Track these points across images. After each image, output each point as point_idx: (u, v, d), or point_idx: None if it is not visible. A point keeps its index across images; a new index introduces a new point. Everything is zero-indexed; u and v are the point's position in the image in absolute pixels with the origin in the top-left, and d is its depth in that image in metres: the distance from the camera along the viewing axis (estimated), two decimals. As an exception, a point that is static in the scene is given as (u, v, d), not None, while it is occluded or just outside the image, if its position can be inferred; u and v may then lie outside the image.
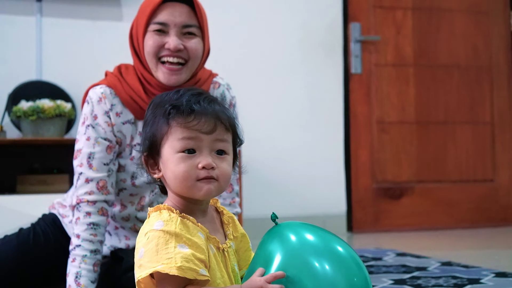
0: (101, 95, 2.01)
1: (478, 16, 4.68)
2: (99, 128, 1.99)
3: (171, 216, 1.29)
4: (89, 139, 1.99)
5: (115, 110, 2.01)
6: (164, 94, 1.37)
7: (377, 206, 4.42)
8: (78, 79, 3.84)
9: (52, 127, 3.43)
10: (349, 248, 1.38)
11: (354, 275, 1.34)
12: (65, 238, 2.19)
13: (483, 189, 4.62)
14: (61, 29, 3.88)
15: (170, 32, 1.95)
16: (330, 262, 1.33)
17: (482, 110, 4.66)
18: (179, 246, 1.24)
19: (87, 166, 1.98)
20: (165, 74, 1.96)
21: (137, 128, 2.06)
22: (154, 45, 1.95)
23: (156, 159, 1.34)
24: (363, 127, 4.43)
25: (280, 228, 1.41)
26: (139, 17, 2.01)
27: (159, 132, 1.31)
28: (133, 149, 2.06)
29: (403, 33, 4.53)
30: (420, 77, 4.55)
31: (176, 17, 1.95)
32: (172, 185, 1.33)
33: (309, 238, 1.37)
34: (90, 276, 1.94)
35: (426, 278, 2.49)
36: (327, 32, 4.36)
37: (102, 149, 1.99)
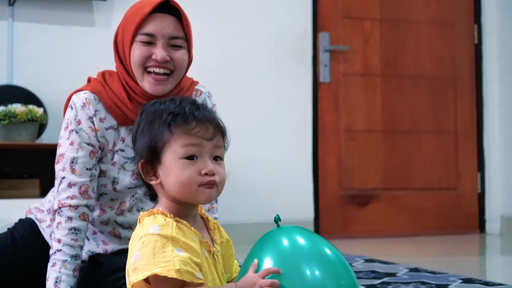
0: (85, 101, 2.02)
1: (444, 28, 4.80)
2: (83, 133, 2.01)
3: (166, 221, 1.32)
4: (73, 144, 2.00)
5: (99, 116, 2.02)
6: (157, 102, 1.40)
7: (344, 213, 4.50)
8: (50, 84, 3.85)
9: (24, 132, 3.43)
10: (338, 253, 1.44)
11: (342, 278, 1.40)
12: (43, 242, 2.20)
13: (447, 196, 4.73)
14: (33, 33, 3.88)
15: (157, 43, 1.97)
16: (319, 265, 1.39)
17: (447, 120, 4.77)
18: (176, 250, 1.28)
19: (70, 171, 1.99)
20: (151, 84, 1.98)
21: (120, 134, 2.08)
22: (141, 56, 1.97)
23: (155, 166, 1.37)
24: (331, 135, 4.50)
25: (275, 232, 1.47)
26: (125, 26, 2.02)
27: (160, 139, 1.35)
28: (115, 155, 2.09)
29: (371, 44, 4.62)
30: (387, 87, 4.65)
31: (164, 28, 1.96)
32: (174, 190, 1.36)
33: (300, 242, 1.43)
34: (69, 281, 1.96)
35: (396, 283, 2.56)
36: (297, 41, 4.43)
37: (86, 154, 2.00)
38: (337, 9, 4.55)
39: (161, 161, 1.36)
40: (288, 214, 4.26)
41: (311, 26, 4.49)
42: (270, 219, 3.79)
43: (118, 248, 2.17)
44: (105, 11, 4.02)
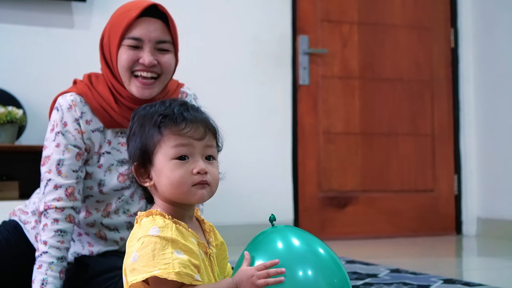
0: (71, 103, 2.02)
1: (421, 32, 4.85)
2: (69, 135, 2.02)
3: (166, 222, 1.33)
4: (59, 146, 2.01)
5: (85, 118, 2.03)
6: (148, 106, 1.41)
7: (323, 215, 4.52)
8: (28, 86, 3.82)
9: (3, 134, 3.41)
10: (331, 252, 1.46)
11: (335, 276, 1.41)
12: (27, 244, 2.19)
13: (424, 199, 4.78)
14: (11, 35, 3.85)
15: (144, 47, 1.98)
16: (312, 264, 1.40)
17: (424, 123, 4.82)
18: (175, 252, 1.29)
19: (56, 173, 2.00)
20: (139, 88, 1.99)
21: (106, 136, 2.08)
22: (129, 60, 1.98)
23: (148, 168, 1.38)
24: (310, 137, 4.53)
25: (270, 230, 1.48)
26: (112, 29, 2.02)
27: (151, 141, 1.36)
28: (101, 157, 2.09)
29: (349, 47, 4.66)
30: (365, 90, 4.68)
31: (151, 32, 1.98)
32: (167, 191, 1.37)
33: (293, 241, 1.44)
34: (56, 283, 1.96)
35: (379, 284, 2.59)
36: (277, 44, 4.45)
37: (72, 156, 2.01)
38: (316, 12, 4.58)
39: (153, 163, 1.37)
40: (267, 216, 4.28)
41: (291, 29, 4.51)
42: (251, 221, 3.86)
43: (104, 249, 2.17)
44: (84, 12, 4.00)
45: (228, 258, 1.57)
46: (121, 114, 2.03)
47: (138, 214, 1.39)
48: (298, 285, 1.37)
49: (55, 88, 3.84)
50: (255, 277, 1.32)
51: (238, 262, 1.47)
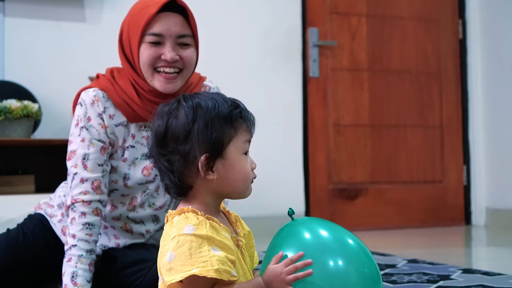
0: (94, 98, 2.04)
1: (428, 24, 4.87)
2: (93, 130, 2.03)
3: (199, 220, 1.33)
4: (84, 141, 2.03)
5: (108, 113, 2.05)
6: (211, 102, 1.39)
7: (333, 207, 4.55)
8: (41, 79, 3.84)
9: (19, 128, 3.41)
10: (360, 242, 1.47)
11: (365, 266, 1.43)
12: (53, 238, 2.21)
13: (433, 190, 4.81)
14: (24, 29, 3.86)
15: (166, 43, 1.98)
16: (342, 255, 1.41)
17: (432, 114, 4.85)
18: (212, 249, 1.29)
19: (82, 167, 2.01)
20: (162, 83, 2.00)
21: (129, 130, 2.10)
22: (150, 57, 1.98)
23: (215, 161, 1.37)
24: (320, 129, 4.55)
25: (294, 223, 1.49)
26: (131, 26, 2.02)
27: (224, 135, 1.37)
28: (125, 151, 2.10)
29: (358, 39, 4.67)
30: (374, 82, 4.70)
31: (171, 27, 1.98)
32: (233, 185, 1.39)
33: (321, 233, 1.45)
34: (86, 276, 1.98)
35: (399, 274, 2.61)
36: (286, 37, 4.46)
37: (96, 150, 2.03)
38: (325, 4, 4.60)
39: (224, 156, 1.37)
40: (279, 208, 4.30)
41: (300, 22, 4.52)
42: (262, 214, 3.89)
43: (130, 242, 2.19)
44: (96, 6, 4.01)
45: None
46: (144, 108, 2.04)
47: (169, 212, 1.39)
48: (328, 276, 1.38)
49: (67, 81, 3.89)
50: (284, 274, 1.34)
51: (265, 259, 1.48)
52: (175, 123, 1.37)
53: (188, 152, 1.36)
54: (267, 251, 1.49)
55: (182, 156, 1.36)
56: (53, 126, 3.77)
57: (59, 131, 3.75)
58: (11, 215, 3.25)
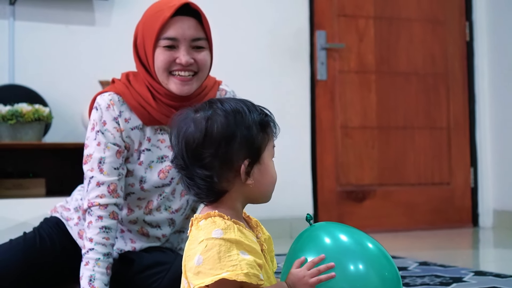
0: (109, 102, 2.06)
1: (435, 26, 4.88)
2: (108, 134, 2.05)
3: (227, 224, 1.34)
4: (100, 145, 2.04)
5: (124, 116, 2.07)
6: (246, 108, 1.40)
7: (341, 209, 4.56)
8: (52, 83, 3.85)
9: (30, 131, 3.43)
10: (379, 245, 1.49)
11: (386, 269, 1.44)
12: (69, 241, 2.23)
13: (440, 191, 4.82)
14: (34, 32, 3.88)
15: (180, 47, 2.00)
16: (362, 258, 1.43)
17: (439, 116, 4.86)
18: (241, 253, 1.30)
19: (98, 171, 2.03)
20: (178, 85, 2.02)
21: (145, 133, 2.11)
22: (165, 61, 2.00)
23: (253, 167, 1.39)
24: (327, 132, 4.56)
25: (313, 229, 1.51)
26: (145, 30, 2.03)
27: (261, 142, 1.39)
28: (141, 154, 2.12)
29: (365, 41, 4.69)
30: (381, 84, 4.72)
31: (185, 31, 2.00)
32: (265, 189, 1.42)
33: (341, 237, 1.47)
34: (103, 279, 1.99)
35: (411, 277, 2.62)
36: (294, 39, 4.48)
37: (112, 154, 2.04)
38: (332, 7, 4.61)
39: (260, 162, 1.39)
40: (288, 210, 4.33)
41: (308, 24, 4.54)
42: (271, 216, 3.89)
43: (146, 245, 2.21)
44: (106, 10, 4.02)
45: None
46: (159, 111, 2.06)
47: (195, 217, 1.40)
48: (350, 279, 1.40)
49: (77, 85, 3.91)
50: (307, 277, 1.36)
51: (285, 265, 1.49)
52: (216, 128, 1.36)
53: (229, 157, 1.36)
54: (287, 256, 1.50)
55: (222, 161, 1.36)
56: (64, 130, 3.79)
57: (69, 134, 3.77)
58: (22, 218, 3.27)
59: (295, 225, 4.23)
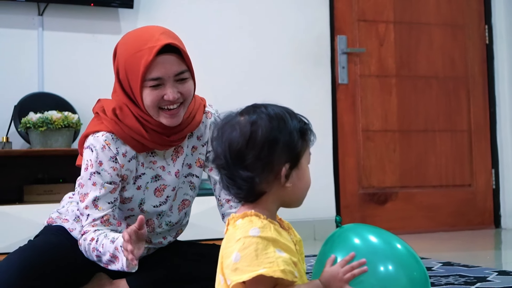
0: (104, 143, 2.08)
1: (455, 30, 4.93)
2: (105, 174, 2.08)
3: (263, 223, 1.41)
4: (95, 185, 2.08)
5: (121, 152, 2.11)
6: (287, 114, 1.47)
7: (364, 211, 4.62)
8: (80, 90, 3.94)
9: (60, 138, 3.53)
10: (408, 246, 1.54)
11: (414, 270, 1.50)
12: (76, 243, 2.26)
13: (462, 193, 4.86)
14: (62, 42, 3.98)
15: (166, 84, 2.03)
16: (392, 258, 1.49)
17: (460, 119, 4.90)
18: (277, 251, 1.36)
19: (93, 208, 2.08)
20: (168, 119, 2.06)
21: (139, 160, 2.16)
22: (155, 100, 2.04)
23: (291, 171, 1.45)
24: (349, 135, 4.62)
25: (342, 230, 1.57)
26: (128, 70, 2.05)
27: (300, 147, 1.45)
28: (137, 180, 2.16)
29: (386, 46, 4.75)
30: (402, 88, 4.77)
31: (168, 70, 2.02)
32: (300, 193, 1.48)
33: (370, 238, 1.53)
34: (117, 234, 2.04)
35: (436, 277, 2.68)
36: (315, 44, 4.55)
37: (107, 192, 2.09)
38: (353, 12, 4.68)
39: (298, 166, 1.46)
40: (310, 213, 4.38)
41: (329, 30, 4.61)
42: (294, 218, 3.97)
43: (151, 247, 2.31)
44: (131, 19, 4.12)
45: None
46: (152, 140, 2.11)
47: (231, 216, 1.46)
48: (380, 278, 1.46)
49: (105, 92, 3.95)
50: (341, 273, 1.42)
51: (316, 264, 1.55)
52: (261, 132, 1.41)
53: (271, 160, 1.42)
54: (318, 257, 1.56)
55: (264, 164, 1.41)
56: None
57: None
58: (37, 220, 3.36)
59: (318, 227, 4.30)
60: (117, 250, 1.97)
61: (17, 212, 3.44)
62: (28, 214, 3.41)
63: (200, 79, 3.87)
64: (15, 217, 3.43)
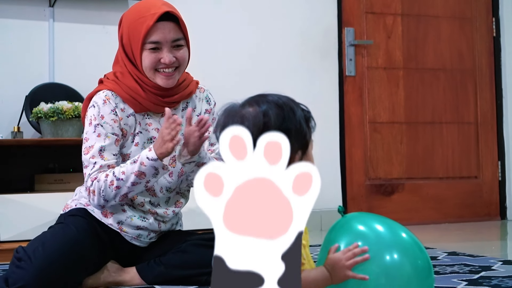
0: (104, 98, 2.33)
1: (463, 22, 4.95)
2: (107, 126, 2.30)
3: None
4: (100, 136, 2.29)
5: (119, 107, 2.34)
6: (293, 103, 1.49)
7: (370, 202, 4.65)
8: (90, 81, 3.96)
9: (71, 128, 3.57)
10: (412, 234, 1.58)
11: (418, 258, 1.53)
12: (96, 222, 2.37)
13: (468, 185, 4.89)
14: (72, 33, 4.02)
15: (163, 48, 2.29)
16: (396, 246, 1.52)
17: (467, 111, 4.93)
18: None
19: (99, 157, 2.27)
20: (163, 80, 2.32)
21: (136, 119, 2.37)
22: (152, 62, 2.29)
23: (301, 158, 1.48)
24: (356, 127, 4.66)
25: (346, 219, 1.60)
26: (131, 34, 2.29)
27: (309, 135, 1.51)
28: (135, 137, 2.37)
29: (393, 38, 4.77)
30: (409, 80, 4.80)
31: (166, 35, 2.28)
32: None
33: (374, 226, 1.56)
34: None
35: (441, 266, 2.71)
36: (323, 37, 4.58)
37: (111, 142, 2.29)
38: (360, 5, 4.71)
39: (307, 153, 1.51)
40: (317, 204, 4.40)
41: (336, 22, 4.64)
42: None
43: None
44: (141, 10, 4.15)
45: None
46: (148, 100, 2.34)
47: None
48: (383, 267, 1.49)
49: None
50: (344, 260, 1.46)
51: (321, 252, 1.59)
52: (273, 122, 1.42)
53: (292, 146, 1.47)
54: (323, 245, 1.60)
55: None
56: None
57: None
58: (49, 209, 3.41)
59: (324, 218, 4.34)
60: (143, 164, 2.16)
61: (29, 201, 3.49)
62: (39, 203, 3.47)
63: (206, 72, 3.95)
64: (27, 205, 3.48)
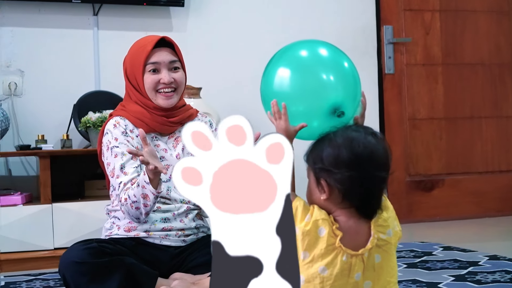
0: (114, 122, 2.54)
1: (500, 16, 4.95)
2: (122, 145, 2.47)
3: None
4: (117, 156, 2.46)
5: (129, 128, 2.53)
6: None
7: (411, 198, 4.71)
8: (134, 88, 4.09)
9: (118, 136, 3.68)
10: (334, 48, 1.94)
11: None
12: (131, 251, 2.44)
13: (508, 179, 4.92)
14: (116, 41, 4.13)
15: (162, 70, 2.51)
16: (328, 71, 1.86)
17: (505, 105, 4.94)
18: None
19: (122, 175, 2.42)
20: (164, 100, 2.52)
21: None
22: (153, 82, 2.51)
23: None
24: (396, 124, 4.71)
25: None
26: (133, 61, 2.55)
27: None
28: None
29: (432, 34, 4.79)
30: (448, 76, 4.82)
31: (163, 57, 2.52)
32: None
33: None
34: None
35: (483, 273, 2.78)
36: (361, 35, 4.62)
37: (129, 158, 2.45)
38: (398, 2, 4.73)
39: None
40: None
41: (375, 20, 4.67)
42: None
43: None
44: (182, 16, 4.25)
45: None
46: (154, 120, 2.53)
47: None
48: None
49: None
50: (276, 123, 1.80)
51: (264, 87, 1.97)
52: None
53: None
54: None
55: None
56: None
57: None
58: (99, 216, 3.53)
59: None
60: (143, 187, 2.28)
61: (79, 208, 3.63)
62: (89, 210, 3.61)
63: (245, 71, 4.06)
64: (78, 212, 3.61)
